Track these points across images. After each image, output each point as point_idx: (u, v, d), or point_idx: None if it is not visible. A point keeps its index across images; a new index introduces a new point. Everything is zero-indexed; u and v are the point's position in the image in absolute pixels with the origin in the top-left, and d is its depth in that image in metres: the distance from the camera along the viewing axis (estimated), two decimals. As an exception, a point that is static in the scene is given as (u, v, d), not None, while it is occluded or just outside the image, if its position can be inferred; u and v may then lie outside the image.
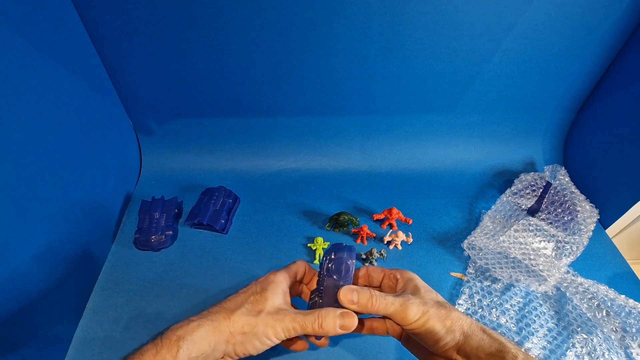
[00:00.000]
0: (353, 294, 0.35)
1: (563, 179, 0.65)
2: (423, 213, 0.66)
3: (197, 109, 0.67)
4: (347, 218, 0.61)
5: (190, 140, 0.71)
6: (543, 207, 0.64)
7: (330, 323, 0.34)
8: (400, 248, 0.60)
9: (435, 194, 0.70)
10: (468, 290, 0.54)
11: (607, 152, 0.64)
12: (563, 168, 0.67)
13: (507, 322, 0.51)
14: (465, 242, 0.59)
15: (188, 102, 0.66)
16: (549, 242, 0.59)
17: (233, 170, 0.72)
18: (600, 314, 0.50)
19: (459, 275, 0.57)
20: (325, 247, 0.59)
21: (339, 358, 0.47)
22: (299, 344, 0.40)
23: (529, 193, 0.66)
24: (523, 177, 0.68)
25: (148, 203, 0.62)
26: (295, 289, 0.42)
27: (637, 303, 0.50)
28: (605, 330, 0.49)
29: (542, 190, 0.65)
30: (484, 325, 0.34)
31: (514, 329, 0.50)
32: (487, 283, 0.56)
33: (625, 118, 0.61)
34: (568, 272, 0.56)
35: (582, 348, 0.48)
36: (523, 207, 0.65)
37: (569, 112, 0.72)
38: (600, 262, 0.59)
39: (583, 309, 0.51)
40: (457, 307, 0.52)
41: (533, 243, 0.58)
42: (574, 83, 0.66)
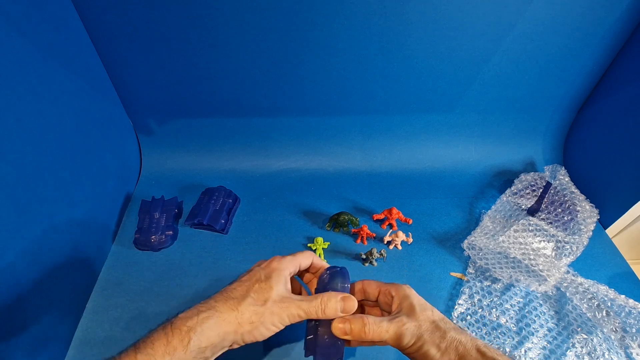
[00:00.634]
0: (345, 325, 0.35)
1: (563, 179, 0.65)
2: (423, 213, 0.66)
3: (197, 109, 0.67)
4: (347, 218, 0.61)
5: (190, 140, 0.71)
6: (543, 207, 0.64)
7: (332, 307, 0.36)
8: (400, 248, 0.60)
9: (435, 194, 0.70)
10: (468, 290, 0.54)
11: (607, 152, 0.64)
12: (563, 168, 0.67)
13: (507, 322, 0.51)
14: (465, 242, 0.59)
15: (188, 102, 0.66)
16: (549, 242, 0.59)
17: (233, 170, 0.72)
18: (600, 314, 0.50)
19: (459, 275, 0.57)
20: (325, 247, 0.59)
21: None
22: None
23: (529, 193, 0.66)
24: (523, 177, 0.68)
25: (148, 203, 0.62)
26: (300, 277, 0.44)
27: (637, 303, 0.50)
28: (605, 330, 0.49)
29: (542, 190, 0.65)
30: (484, 343, 0.34)
31: (514, 329, 0.50)
32: (487, 283, 0.56)
33: (625, 118, 0.61)
34: (568, 272, 0.56)
35: (582, 348, 0.48)
36: (523, 207, 0.65)
37: (569, 112, 0.72)
38: (600, 262, 0.59)
39: (583, 309, 0.51)
40: (457, 307, 0.52)
41: (533, 243, 0.58)
42: (574, 83, 0.66)
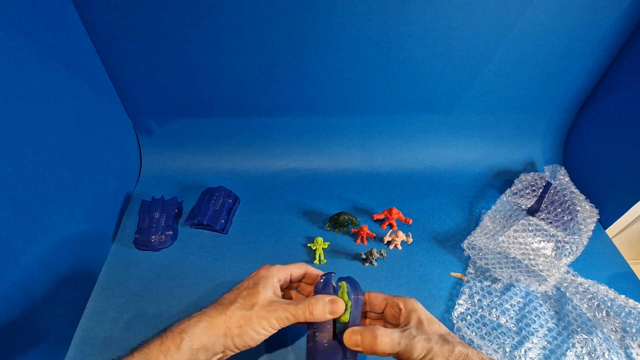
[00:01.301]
0: (357, 336, 0.35)
1: (563, 179, 0.65)
2: (423, 213, 0.66)
3: (197, 109, 0.67)
4: (347, 218, 0.61)
5: (190, 140, 0.71)
6: (543, 207, 0.64)
7: (320, 310, 0.36)
8: (400, 248, 0.60)
9: (435, 194, 0.70)
10: (468, 290, 0.54)
11: (607, 152, 0.64)
12: (563, 168, 0.67)
13: (507, 322, 0.51)
14: (465, 242, 0.59)
15: (188, 102, 0.66)
16: (549, 242, 0.59)
17: (233, 170, 0.72)
18: (600, 314, 0.50)
19: (459, 275, 0.57)
20: (325, 247, 0.59)
21: None
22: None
23: (529, 193, 0.66)
24: (523, 177, 0.68)
25: (148, 203, 0.62)
26: (291, 288, 0.44)
27: (637, 303, 0.50)
28: (605, 331, 0.49)
29: (542, 190, 0.65)
30: (486, 357, 0.34)
31: (514, 329, 0.50)
32: (487, 283, 0.56)
33: (625, 118, 0.61)
34: (568, 272, 0.56)
35: (582, 348, 0.48)
36: (523, 207, 0.65)
37: (569, 112, 0.72)
38: (600, 262, 0.59)
39: (583, 309, 0.51)
40: (457, 307, 0.52)
41: (533, 243, 0.58)
42: (574, 83, 0.66)
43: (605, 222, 0.64)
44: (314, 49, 0.58)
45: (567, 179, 0.65)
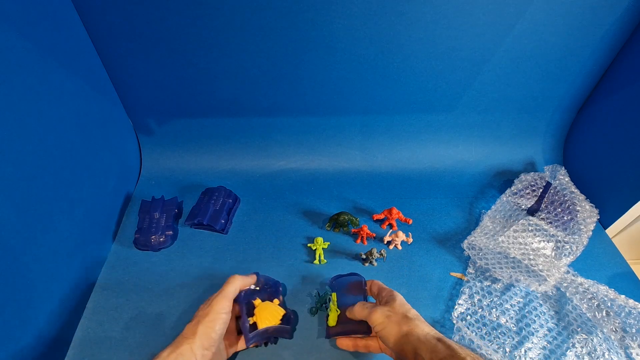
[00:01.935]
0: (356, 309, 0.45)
1: (563, 179, 0.65)
2: (423, 213, 0.66)
3: (197, 109, 0.67)
4: (347, 218, 0.61)
5: (190, 140, 0.71)
6: (543, 207, 0.64)
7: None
8: (400, 248, 0.60)
9: (435, 194, 0.70)
10: (468, 290, 0.54)
11: (607, 152, 0.64)
12: (563, 168, 0.67)
13: (507, 322, 0.51)
14: (465, 242, 0.59)
15: (188, 102, 0.66)
16: (549, 242, 0.59)
17: (233, 170, 0.72)
18: (600, 314, 0.50)
19: (459, 275, 0.57)
20: (325, 247, 0.59)
21: None
22: None
23: (529, 193, 0.66)
24: (523, 177, 0.68)
25: (148, 203, 0.62)
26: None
27: (637, 303, 0.50)
28: (605, 331, 0.49)
29: (542, 190, 0.65)
30: (443, 336, 0.38)
31: (514, 329, 0.50)
32: (487, 283, 0.56)
33: (625, 118, 0.61)
34: (568, 272, 0.56)
35: (582, 348, 0.48)
36: (523, 207, 0.65)
37: (569, 112, 0.72)
38: (600, 262, 0.59)
39: (583, 309, 0.51)
40: (457, 307, 0.52)
41: (533, 243, 0.58)
42: (574, 83, 0.66)
43: (605, 222, 0.64)
44: (314, 49, 0.58)
45: (567, 179, 0.65)
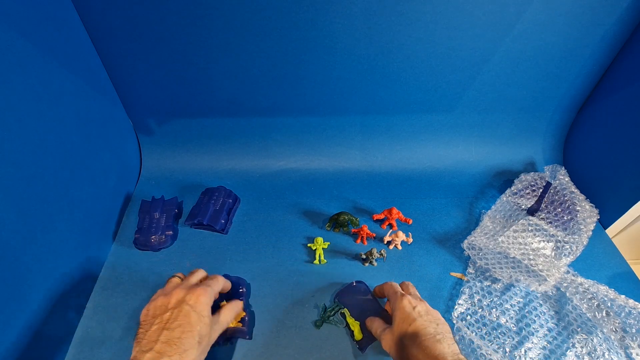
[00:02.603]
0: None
1: (563, 179, 0.65)
2: (423, 213, 0.66)
3: (197, 109, 0.67)
4: (347, 218, 0.61)
5: (190, 140, 0.71)
6: (543, 207, 0.64)
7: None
8: (400, 248, 0.60)
9: (435, 194, 0.70)
10: (468, 290, 0.54)
11: (607, 152, 0.64)
12: (563, 168, 0.67)
13: (507, 322, 0.51)
14: (465, 242, 0.59)
15: (188, 102, 0.66)
16: (549, 242, 0.59)
17: (233, 170, 0.72)
18: (600, 314, 0.50)
19: (459, 275, 0.57)
20: (325, 247, 0.59)
21: None
22: None
23: (529, 193, 0.66)
24: (523, 177, 0.68)
25: (148, 203, 0.62)
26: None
27: (637, 303, 0.50)
28: (605, 331, 0.49)
29: (542, 190, 0.65)
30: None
31: (514, 329, 0.50)
32: (487, 283, 0.56)
33: (625, 118, 0.61)
34: (568, 272, 0.56)
35: (582, 348, 0.48)
36: (523, 207, 0.65)
37: (569, 112, 0.72)
38: (600, 262, 0.59)
39: (583, 309, 0.51)
40: (457, 307, 0.52)
41: (533, 243, 0.58)
42: (574, 83, 0.66)
43: (605, 222, 0.64)
44: (314, 49, 0.58)
45: (567, 179, 0.65)
